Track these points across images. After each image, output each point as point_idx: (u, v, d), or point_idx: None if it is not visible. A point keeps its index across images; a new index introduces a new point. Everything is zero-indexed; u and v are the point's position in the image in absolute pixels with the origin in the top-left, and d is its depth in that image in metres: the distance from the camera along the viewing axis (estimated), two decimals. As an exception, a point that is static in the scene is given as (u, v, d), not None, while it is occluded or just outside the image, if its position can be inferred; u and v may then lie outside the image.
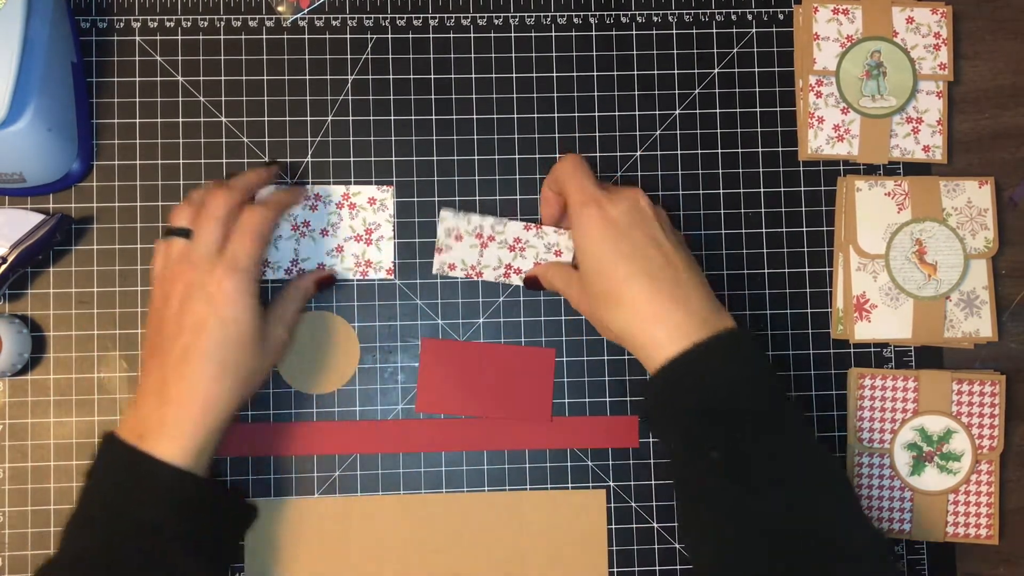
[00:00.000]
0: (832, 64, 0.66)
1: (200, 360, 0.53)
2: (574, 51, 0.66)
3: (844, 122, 0.66)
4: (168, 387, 0.53)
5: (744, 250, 0.66)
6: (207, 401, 0.53)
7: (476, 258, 0.64)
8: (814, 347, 0.66)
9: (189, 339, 0.53)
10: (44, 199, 0.64)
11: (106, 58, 0.65)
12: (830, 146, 0.66)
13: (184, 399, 0.53)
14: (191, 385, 0.53)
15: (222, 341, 0.53)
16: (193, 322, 0.53)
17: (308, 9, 0.66)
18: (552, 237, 0.63)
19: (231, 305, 0.54)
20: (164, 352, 0.54)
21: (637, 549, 0.64)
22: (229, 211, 0.56)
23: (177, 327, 0.54)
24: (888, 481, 0.64)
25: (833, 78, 0.66)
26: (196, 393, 0.53)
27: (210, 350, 0.53)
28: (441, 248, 0.64)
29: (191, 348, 0.53)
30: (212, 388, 0.53)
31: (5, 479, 0.62)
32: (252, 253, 0.55)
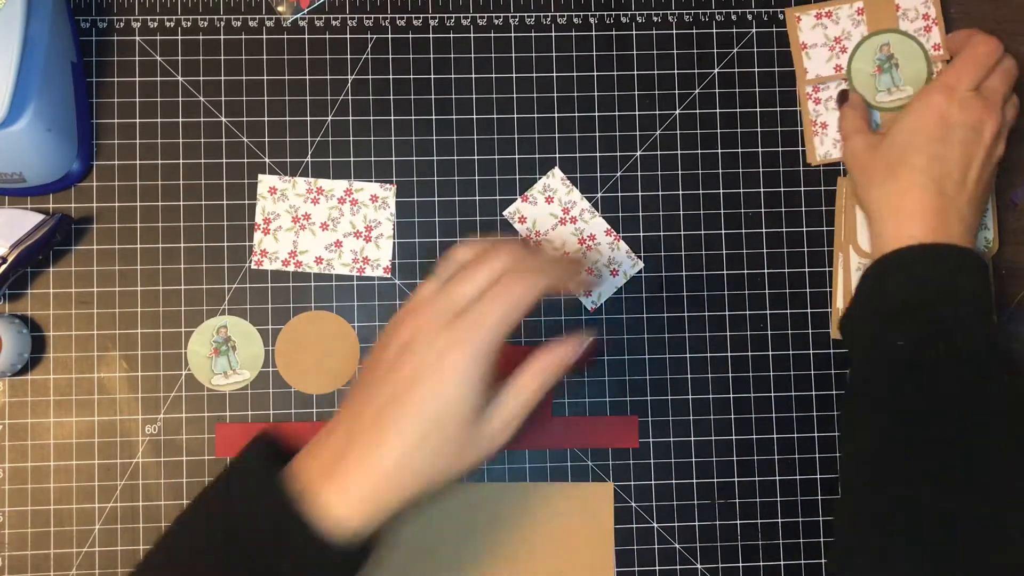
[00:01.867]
0: (826, 70, 0.66)
1: (402, 416, 0.45)
2: (574, 51, 0.66)
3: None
4: (361, 431, 0.45)
5: (744, 250, 0.66)
6: (393, 461, 0.45)
7: (546, 227, 0.64)
8: (814, 347, 0.66)
9: (398, 390, 0.45)
10: (44, 199, 0.64)
11: (106, 58, 0.65)
12: (838, 149, 0.66)
13: (369, 448, 0.45)
14: (383, 438, 0.45)
15: (432, 406, 0.45)
16: (409, 373, 0.46)
17: (308, 9, 0.66)
18: (620, 255, 0.64)
19: (455, 372, 0.45)
20: (368, 396, 0.47)
21: (637, 549, 0.64)
22: (504, 270, 0.47)
23: (390, 372, 0.46)
24: (888, 481, 0.64)
25: (830, 84, 0.66)
26: (385, 446, 0.45)
27: (417, 409, 0.45)
28: (527, 197, 0.64)
29: (397, 399, 0.45)
30: (405, 451, 0.45)
31: (5, 479, 0.62)
32: (500, 322, 0.45)
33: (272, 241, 0.64)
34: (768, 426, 0.65)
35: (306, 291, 0.64)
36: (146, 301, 0.64)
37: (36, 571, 0.62)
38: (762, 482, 0.65)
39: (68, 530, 0.62)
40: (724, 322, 0.65)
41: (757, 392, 0.65)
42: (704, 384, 0.65)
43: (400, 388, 0.45)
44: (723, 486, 0.65)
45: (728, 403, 0.65)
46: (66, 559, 0.62)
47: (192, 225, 0.64)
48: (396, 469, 0.45)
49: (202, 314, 0.64)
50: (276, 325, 0.64)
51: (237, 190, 0.64)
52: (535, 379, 0.48)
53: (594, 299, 0.65)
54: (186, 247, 0.64)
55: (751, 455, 0.65)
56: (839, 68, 0.66)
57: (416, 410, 0.45)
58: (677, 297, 0.65)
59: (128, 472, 0.63)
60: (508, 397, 0.47)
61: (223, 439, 0.63)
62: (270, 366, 0.64)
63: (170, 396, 0.63)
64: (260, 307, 0.64)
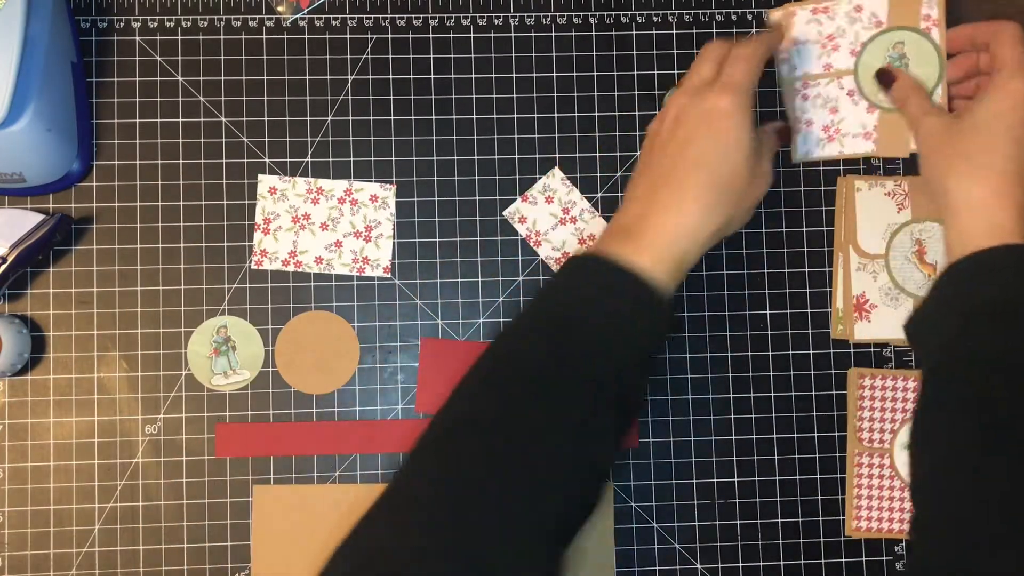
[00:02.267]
0: (816, 67, 0.64)
1: (691, 168, 0.52)
2: (574, 51, 0.66)
3: (866, 124, 0.63)
4: (656, 192, 0.52)
5: (744, 250, 0.66)
6: (694, 208, 0.51)
7: (546, 227, 0.64)
8: (814, 347, 0.66)
9: (680, 149, 0.53)
10: (44, 199, 0.64)
11: (106, 58, 0.65)
12: (821, 148, 0.64)
13: (671, 204, 0.52)
14: (680, 190, 0.52)
15: (714, 153, 0.52)
16: (685, 135, 0.53)
17: (308, 9, 0.66)
18: None
19: (726, 119, 0.53)
20: (653, 167, 0.54)
21: (637, 549, 0.64)
22: (727, 53, 0.56)
23: (668, 142, 0.54)
24: (888, 481, 0.64)
25: (820, 80, 0.64)
26: (685, 197, 0.52)
27: (702, 159, 0.52)
28: (527, 197, 0.64)
29: (682, 156, 0.53)
30: (700, 196, 0.52)
31: (5, 479, 0.62)
32: (748, 74, 0.54)
33: (272, 241, 0.64)
34: (768, 426, 0.65)
35: (306, 291, 0.64)
36: (146, 301, 0.64)
37: (36, 571, 0.62)
38: (762, 482, 0.65)
39: (68, 530, 0.62)
40: (724, 322, 0.65)
41: (757, 392, 0.65)
42: (704, 384, 0.65)
43: (683, 147, 0.53)
44: (723, 486, 0.65)
45: (728, 403, 0.65)
46: (66, 559, 0.62)
47: (192, 225, 0.64)
48: (699, 206, 0.52)
49: (202, 314, 0.64)
50: (276, 325, 0.64)
51: (237, 190, 0.64)
52: (767, 130, 0.60)
53: None
54: (186, 247, 0.64)
55: (751, 455, 0.65)
56: (828, 67, 0.64)
57: (702, 156, 0.52)
58: (677, 297, 0.65)
59: (128, 472, 0.63)
60: (764, 136, 0.57)
61: (223, 439, 0.63)
62: (270, 366, 0.64)
63: (170, 396, 0.63)
64: (260, 307, 0.64)
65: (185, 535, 0.62)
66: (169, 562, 0.62)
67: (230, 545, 0.63)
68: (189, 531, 0.62)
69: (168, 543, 0.62)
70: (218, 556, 0.62)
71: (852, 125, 0.63)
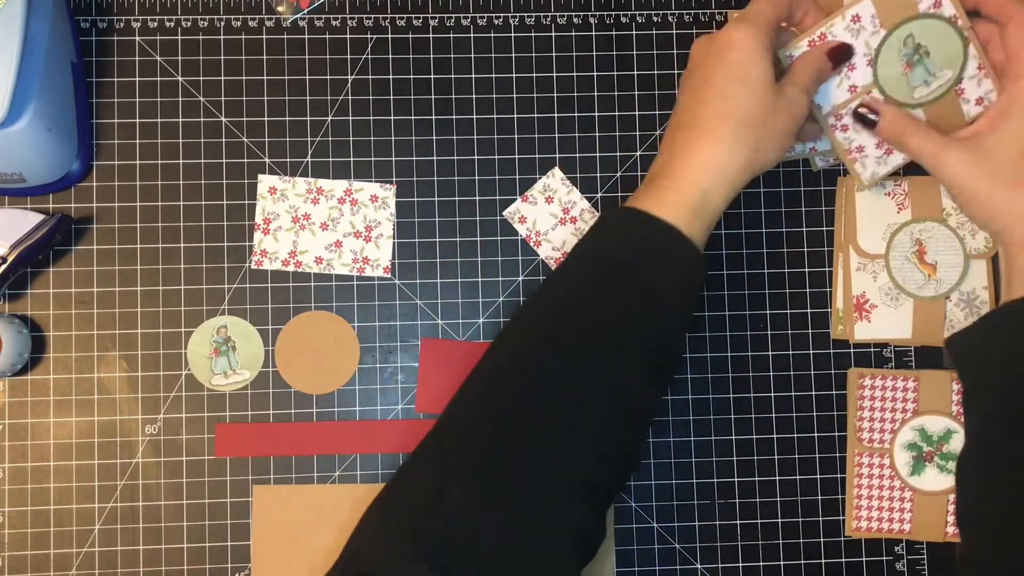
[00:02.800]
0: (839, 96, 0.60)
1: (707, 105, 0.51)
2: (574, 51, 0.66)
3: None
4: (676, 136, 0.52)
5: (744, 250, 0.66)
6: (714, 145, 0.50)
7: (546, 227, 0.64)
8: (814, 347, 0.66)
9: (697, 89, 0.52)
10: (44, 199, 0.64)
11: (106, 58, 0.65)
12: (883, 165, 0.61)
13: (691, 145, 0.51)
14: (698, 130, 0.51)
15: (727, 84, 0.51)
16: (702, 75, 0.53)
17: (308, 9, 0.66)
18: None
19: (737, 49, 0.52)
20: (677, 113, 0.54)
21: (637, 549, 0.64)
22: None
23: (688, 84, 0.54)
24: (888, 481, 0.64)
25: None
26: (704, 135, 0.51)
27: (716, 93, 0.51)
28: (527, 197, 0.64)
29: (699, 95, 0.52)
30: (718, 131, 0.51)
31: (5, 479, 0.62)
32: (764, 10, 0.54)
33: (272, 241, 0.64)
34: (768, 426, 0.65)
35: (306, 291, 0.64)
36: (146, 301, 0.64)
37: (36, 571, 0.62)
38: (762, 482, 0.65)
39: (68, 530, 0.62)
40: (724, 322, 0.65)
41: (757, 392, 0.65)
42: (704, 384, 0.65)
43: (700, 85, 0.52)
44: (723, 486, 0.65)
45: (728, 403, 0.65)
46: (66, 559, 0.62)
47: (192, 225, 0.64)
48: (720, 138, 0.50)
49: (202, 314, 0.64)
50: (276, 325, 0.64)
51: (237, 190, 0.64)
52: (811, 56, 0.56)
53: None
54: (186, 247, 0.64)
55: (751, 455, 0.65)
56: (853, 89, 0.59)
57: (717, 88, 0.51)
58: (677, 297, 0.65)
59: (128, 472, 0.63)
60: (798, 65, 0.55)
61: (223, 439, 0.63)
62: (270, 366, 0.64)
63: (170, 396, 0.63)
64: (260, 307, 0.64)
65: (185, 535, 0.62)
66: (169, 562, 0.62)
67: (230, 545, 0.63)
68: (189, 531, 0.62)
69: (168, 543, 0.62)
70: (218, 556, 0.62)
71: None
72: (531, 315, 0.51)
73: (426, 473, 0.47)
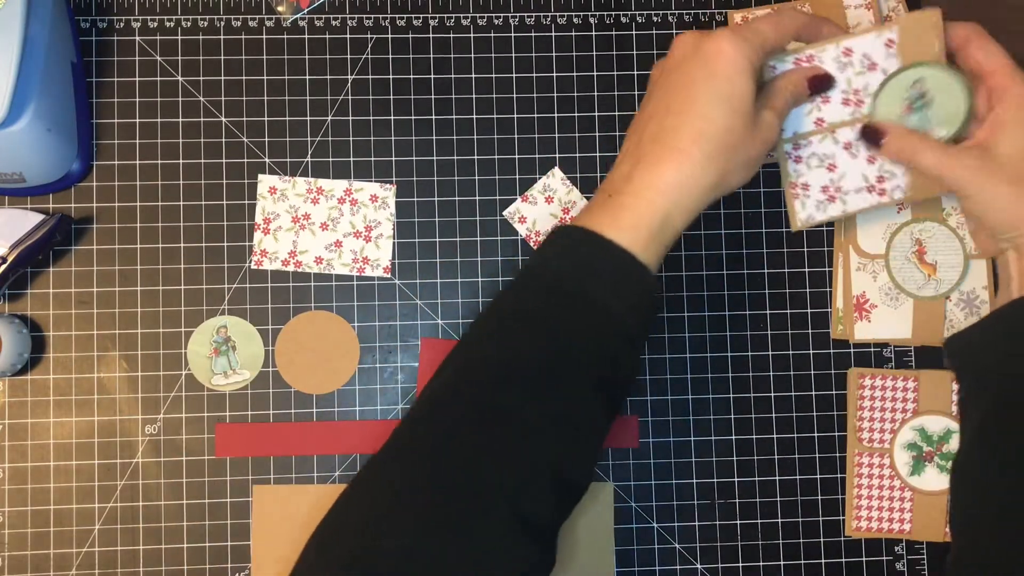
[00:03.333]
0: (806, 124, 0.58)
1: (681, 117, 0.47)
2: (574, 51, 0.66)
3: (868, 176, 0.58)
4: (642, 146, 0.48)
5: (744, 250, 0.66)
6: (682, 162, 0.47)
7: (546, 227, 0.64)
8: (814, 347, 0.66)
9: (673, 96, 0.48)
10: (44, 199, 0.64)
11: (106, 58, 0.65)
12: (821, 211, 0.59)
13: (657, 159, 0.47)
14: (667, 143, 0.47)
15: (707, 99, 0.47)
16: (680, 79, 0.48)
17: (308, 9, 0.66)
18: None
19: (726, 63, 0.47)
20: (645, 117, 0.49)
21: (637, 549, 0.64)
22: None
23: (663, 88, 0.49)
24: (888, 481, 0.64)
25: (812, 139, 0.58)
26: (672, 150, 0.47)
27: (693, 106, 0.47)
28: (527, 197, 0.64)
29: (674, 103, 0.48)
30: (689, 148, 0.47)
31: (5, 479, 0.62)
32: (764, 31, 0.49)
33: (272, 241, 0.64)
34: (768, 426, 0.65)
35: (306, 291, 0.64)
36: (146, 301, 0.64)
37: (36, 571, 0.62)
38: (762, 482, 0.65)
39: (68, 530, 0.62)
40: (724, 322, 0.65)
41: (757, 392, 0.65)
42: (704, 384, 0.65)
43: (676, 92, 0.48)
44: (723, 486, 0.65)
45: (728, 403, 0.65)
46: (66, 559, 0.62)
47: (192, 225, 0.64)
48: (687, 160, 0.46)
49: (202, 314, 0.64)
50: (276, 325, 0.64)
51: (237, 190, 0.64)
52: (789, 81, 0.53)
53: None
54: (186, 247, 0.64)
55: (751, 455, 0.65)
56: (820, 122, 0.57)
57: (695, 101, 0.47)
58: (677, 297, 0.65)
59: (128, 472, 0.63)
60: (773, 88, 0.52)
61: (223, 439, 0.63)
62: (270, 366, 0.64)
63: (170, 396, 0.63)
64: (260, 307, 0.64)
65: (185, 535, 0.62)
66: (169, 562, 0.62)
67: (230, 545, 0.63)
68: (189, 531, 0.62)
69: (168, 543, 0.62)
70: (218, 556, 0.62)
71: (853, 180, 0.58)
72: (480, 339, 0.48)
73: (367, 504, 0.44)
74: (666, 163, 0.47)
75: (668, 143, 0.47)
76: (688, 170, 0.47)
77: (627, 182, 0.48)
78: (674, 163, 0.47)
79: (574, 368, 0.46)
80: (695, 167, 0.47)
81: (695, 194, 0.47)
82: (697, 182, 0.47)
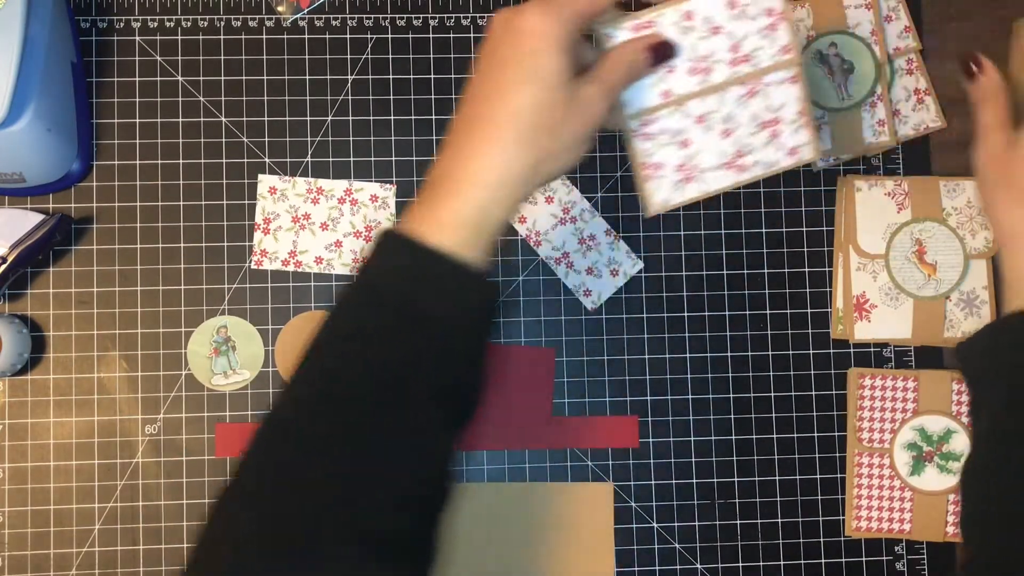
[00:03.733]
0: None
1: (490, 102, 0.45)
2: (574, 51, 0.66)
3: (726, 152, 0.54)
4: (458, 136, 0.46)
5: (744, 250, 0.66)
6: (495, 149, 0.44)
7: (546, 227, 0.64)
8: (814, 347, 0.66)
9: (484, 79, 0.46)
10: (44, 199, 0.64)
11: (106, 58, 0.65)
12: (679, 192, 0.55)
13: (471, 149, 0.45)
14: (479, 131, 0.45)
15: (516, 79, 0.44)
16: (492, 61, 0.46)
17: (308, 9, 0.66)
18: (620, 255, 0.64)
19: (533, 38, 0.44)
20: (462, 106, 0.47)
21: (637, 549, 0.64)
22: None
23: (478, 72, 0.46)
24: (888, 481, 0.64)
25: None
26: (484, 138, 0.44)
27: (502, 88, 0.45)
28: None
29: (483, 89, 0.46)
30: (500, 133, 0.44)
31: (5, 479, 0.62)
32: (574, 2, 0.45)
33: (272, 241, 0.64)
34: (768, 426, 0.65)
35: (306, 291, 0.64)
36: (146, 301, 0.64)
37: (36, 571, 0.62)
38: (762, 482, 0.65)
39: (68, 530, 0.62)
40: (724, 322, 0.65)
41: (757, 392, 0.65)
42: (704, 384, 0.65)
43: (486, 76, 0.45)
44: (723, 486, 0.65)
45: (728, 403, 0.65)
46: (66, 559, 0.62)
47: (192, 225, 0.64)
48: (501, 143, 0.44)
49: (202, 314, 0.64)
50: (276, 325, 0.64)
51: (237, 190, 0.64)
52: (622, 53, 0.48)
53: (594, 299, 0.65)
54: (186, 247, 0.64)
55: (751, 455, 0.65)
56: (667, 94, 0.52)
57: (504, 83, 0.45)
58: (677, 297, 0.65)
59: (128, 472, 0.63)
60: (603, 61, 0.48)
61: (223, 439, 0.63)
62: (270, 366, 0.64)
63: (170, 396, 0.63)
64: (260, 307, 0.64)
65: (185, 535, 0.62)
66: (169, 562, 0.62)
67: (230, 545, 0.63)
68: (189, 531, 0.62)
69: (168, 543, 0.62)
70: (218, 556, 0.62)
71: (709, 157, 0.52)
72: (312, 357, 0.46)
73: (225, 532, 0.43)
74: (479, 152, 0.45)
75: (479, 131, 0.45)
76: (500, 157, 0.44)
77: (445, 175, 0.45)
78: (486, 151, 0.45)
79: (407, 382, 0.44)
80: (507, 153, 0.44)
81: (512, 181, 0.45)
82: (511, 168, 0.44)
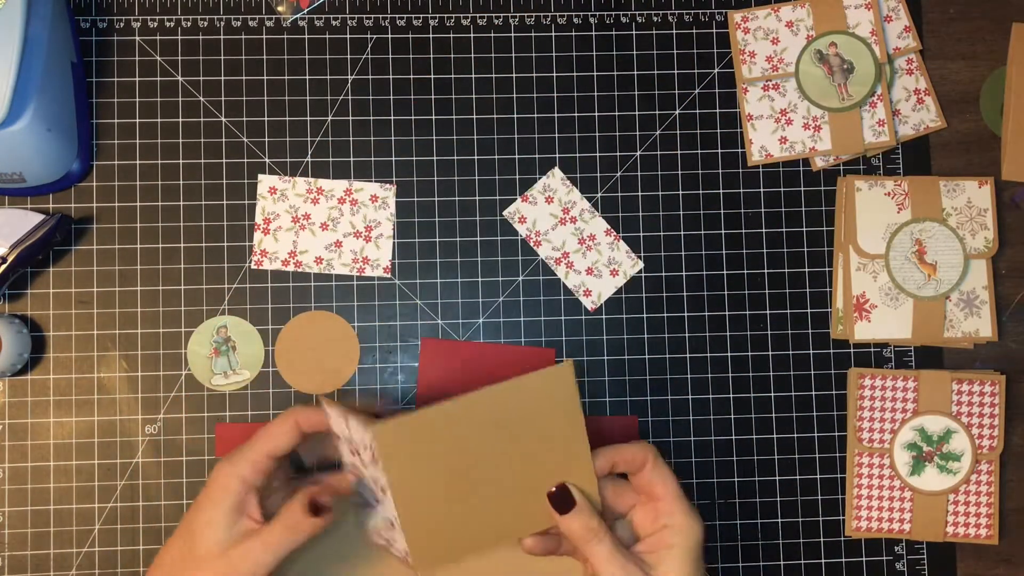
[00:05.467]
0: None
1: (179, 534, 0.51)
2: (574, 51, 0.66)
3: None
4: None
5: (744, 250, 0.66)
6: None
7: (546, 227, 0.64)
8: (814, 347, 0.66)
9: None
10: (44, 199, 0.64)
11: (106, 58, 0.65)
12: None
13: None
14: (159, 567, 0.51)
15: (196, 525, 0.50)
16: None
17: (308, 9, 0.66)
18: (620, 255, 0.64)
19: (210, 488, 0.51)
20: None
21: (637, 549, 0.64)
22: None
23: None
24: (888, 481, 0.64)
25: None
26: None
27: (184, 528, 0.51)
28: (527, 197, 0.64)
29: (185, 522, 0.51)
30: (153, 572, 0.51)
31: (5, 479, 0.62)
32: (254, 443, 0.51)
33: (272, 241, 0.64)
34: (768, 426, 0.65)
35: (306, 291, 0.64)
36: (146, 301, 0.64)
37: (36, 571, 0.62)
38: (762, 482, 0.65)
39: (68, 530, 0.62)
40: (724, 322, 0.66)
41: (757, 392, 0.65)
42: (704, 384, 0.65)
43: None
44: (723, 486, 0.65)
45: (728, 403, 0.65)
46: (66, 559, 0.62)
47: (192, 225, 0.64)
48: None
49: (202, 314, 0.64)
50: (276, 325, 0.64)
51: (237, 190, 0.64)
52: (283, 534, 0.50)
53: (594, 299, 0.65)
54: (186, 247, 0.64)
55: (751, 455, 0.65)
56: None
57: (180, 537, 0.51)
58: (677, 297, 0.65)
59: (128, 472, 0.63)
60: (259, 536, 0.50)
61: (223, 439, 0.63)
62: (270, 366, 0.64)
63: (170, 396, 0.63)
64: (260, 307, 0.64)
65: (185, 535, 0.62)
66: (169, 562, 0.62)
67: (230, 545, 0.62)
68: (189, 531, 0.62)
69: (168, 543, 0.62)
70: (218, 556, 0.62)
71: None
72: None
73: None
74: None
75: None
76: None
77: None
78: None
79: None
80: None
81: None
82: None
